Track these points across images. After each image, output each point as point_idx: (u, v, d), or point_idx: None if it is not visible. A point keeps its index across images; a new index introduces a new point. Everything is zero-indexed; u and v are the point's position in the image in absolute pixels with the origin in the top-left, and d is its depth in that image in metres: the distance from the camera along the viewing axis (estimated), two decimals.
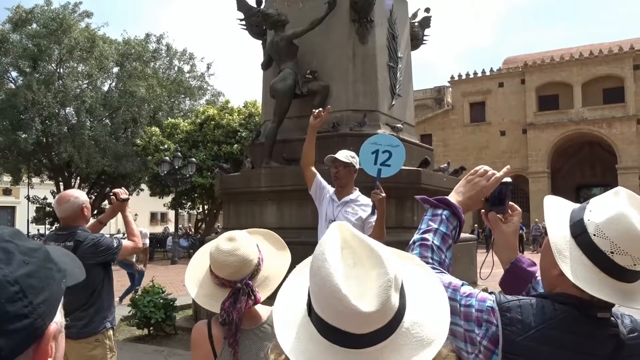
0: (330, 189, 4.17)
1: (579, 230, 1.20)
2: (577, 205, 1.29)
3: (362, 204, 4.00)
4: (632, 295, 1.18)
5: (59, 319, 0.72)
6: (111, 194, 3.61)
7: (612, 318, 1.21)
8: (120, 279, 13.17)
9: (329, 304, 0.83)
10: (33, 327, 0.66)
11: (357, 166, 3.97)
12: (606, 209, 1.18)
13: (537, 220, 27.32)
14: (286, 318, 0.92)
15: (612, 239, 1.15)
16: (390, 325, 0.85)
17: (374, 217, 3.85)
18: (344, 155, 3.97)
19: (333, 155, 4.01)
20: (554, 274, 1.24)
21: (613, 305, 1.20)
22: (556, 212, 1.29)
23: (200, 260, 1.94)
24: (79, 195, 3.37)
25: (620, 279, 1.17)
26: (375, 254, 0.87)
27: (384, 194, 3.67)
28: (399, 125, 7.37)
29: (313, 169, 4.14)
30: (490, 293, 1.27)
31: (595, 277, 1.17)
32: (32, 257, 0.69)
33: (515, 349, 1.16)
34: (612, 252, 1.15)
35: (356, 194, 4.07)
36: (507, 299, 1.23)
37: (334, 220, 3.99)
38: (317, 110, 3.94)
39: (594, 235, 1.17)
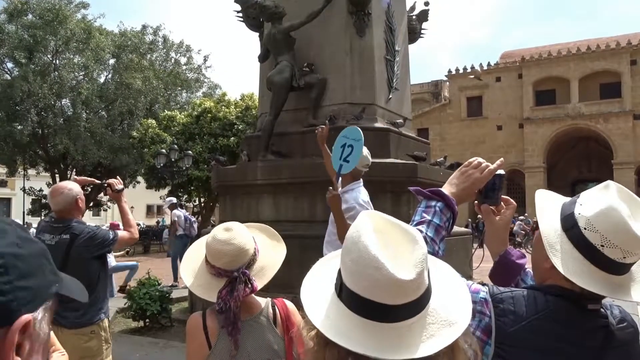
0: None
1: (569, 224, 1.22)
2: (567, 199, 1.31)
3: (349, 196, 3.89)
4: (621, 287, 1.20)
5: (38, 316, 0.68)
6: (105, 184, 3.58)
7: (602, 309, 1.23)
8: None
9: (367, 275, 0.85)
10: (6, 308, 0.63)
11: (359, 163, 3.81)
12: (596, 202, 1.20)
13: (523, 215, 27.26)
14: (314, 300, 0.94)
15: (603, 233, 1.16)
16: (422, 299, 0.88)
17: (351, 213, 3.67)
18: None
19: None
20: (545, 267, 1.26)
21: (603, 297, 1.22)
22: (547, 206, 1.30)
23: (196, 251, 1.96)
24: (73, 187, 3.30)
25: (610, 271, 1.19)
26: (409, 233, 0.91)
27: (335, 192, 3.57)
28: (399, 120, 7.35)
29: None
30: (483, 285, 1.28)
31: (585, 270, 1.18)
32: (26, 245, 0.68)
33: (507, 339, 1.18)
34: (602, 246, 1.17)
35: (350, 186, 3.95)
36: (500, 291, 1.25)
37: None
38: (318, 129, 3.98)
39: (585, 228, 1.19)
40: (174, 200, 12.99)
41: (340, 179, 3.75)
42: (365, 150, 3.87)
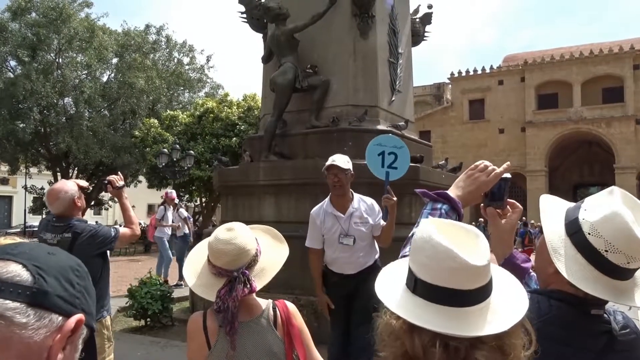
0: (320, 211, 4.00)
1: (574, 229, 1.22)
2: (572, 204, 1.30)
3: (365, 210, 3.92)
4: (625, 292, 1.20)
5: (83, 330, 0.75)
6: (106, 181, 3.55)
7: (605, 315, 1.23)
8: (117, 270, 13.20)
9: (443, 266, 0.95)
10: (72, 302, 0.73)
11: (352, 169, 3.87)
12: (601, 208, 1.20)
13: (524, 218, 27.14)
14: (392, 297, 1.02)
15: (607, 238, 1.16)
16: (489, 285, 0.98)
17: (382, 219, 3.85)
18: (342, 160, 3.80)
19: (331, 163, 3.82)
20: (549, 272, 1.26)
21: (607, 302, 1.22)
22: (551, 211, 1.30)
23: (200, 252, 1.96)
24: (68, 189, 3.29)
25: (614, 277, 1.18)
26: (470, 230, 1.02)
27: (395, 199, 3.65)
28: (402, 123, 7.33)
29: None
30: None
31: (589, 275, 1.18)
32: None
33: None
34: (606, 251, 1.16)
35: (356, 201, 3.94)
36: None
37: (347, 235, 3.87)
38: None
39: (589, 234, 1.19)
40: (176, 200, 13.14)
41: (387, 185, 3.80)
42: (346, 158, 3.87)
